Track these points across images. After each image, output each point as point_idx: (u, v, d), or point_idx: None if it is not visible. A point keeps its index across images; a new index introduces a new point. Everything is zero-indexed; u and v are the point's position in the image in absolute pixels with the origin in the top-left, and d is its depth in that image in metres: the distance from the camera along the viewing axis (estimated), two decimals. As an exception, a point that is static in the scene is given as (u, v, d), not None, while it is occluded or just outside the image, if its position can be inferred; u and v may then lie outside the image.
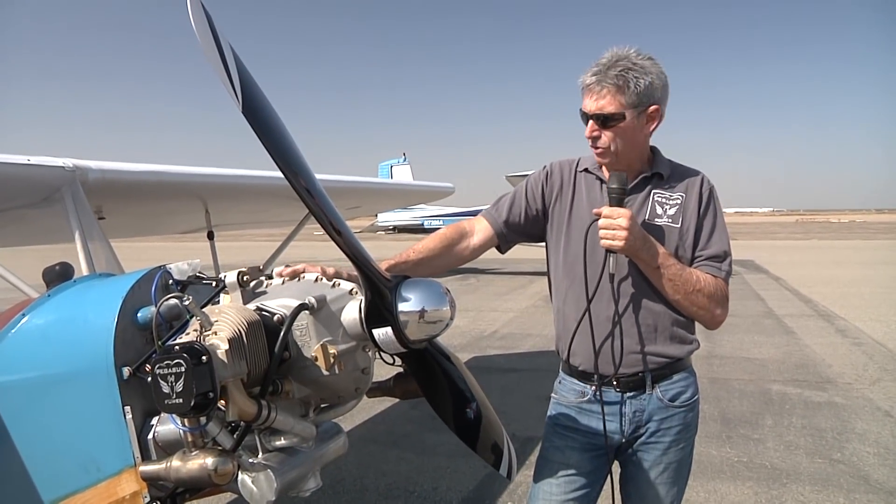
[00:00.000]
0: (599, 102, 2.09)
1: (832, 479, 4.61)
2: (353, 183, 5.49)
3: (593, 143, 2.16)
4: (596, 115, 2.11)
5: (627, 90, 2.07)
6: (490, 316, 12.23)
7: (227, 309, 1.55)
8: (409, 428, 5.73)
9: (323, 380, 1.60)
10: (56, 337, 1.77)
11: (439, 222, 22.18)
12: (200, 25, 1.41)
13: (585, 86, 2.12)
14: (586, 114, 2.13)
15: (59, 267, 2.25)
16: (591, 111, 2.11)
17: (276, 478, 1.55)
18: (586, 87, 2.12)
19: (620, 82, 2.06)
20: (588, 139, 2.16)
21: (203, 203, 4.30)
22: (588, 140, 2.17)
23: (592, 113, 2.11)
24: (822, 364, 8.07)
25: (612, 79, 2.06)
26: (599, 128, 2.12)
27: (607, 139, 2.13)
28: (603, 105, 2.09)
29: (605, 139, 2.13)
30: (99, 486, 1.64)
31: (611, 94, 2.07)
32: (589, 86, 2.11)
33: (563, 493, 2.24)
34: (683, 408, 2.23)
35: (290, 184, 1.53)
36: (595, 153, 2.20)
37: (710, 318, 2.19)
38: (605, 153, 2.17)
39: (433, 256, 2.22)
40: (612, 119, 2.10)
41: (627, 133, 2.13)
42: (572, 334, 2.23)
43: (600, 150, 2.17)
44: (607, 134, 2.12)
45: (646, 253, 2.07)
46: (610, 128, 2.11)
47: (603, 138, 2.13)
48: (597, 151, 2.18)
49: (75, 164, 2.70)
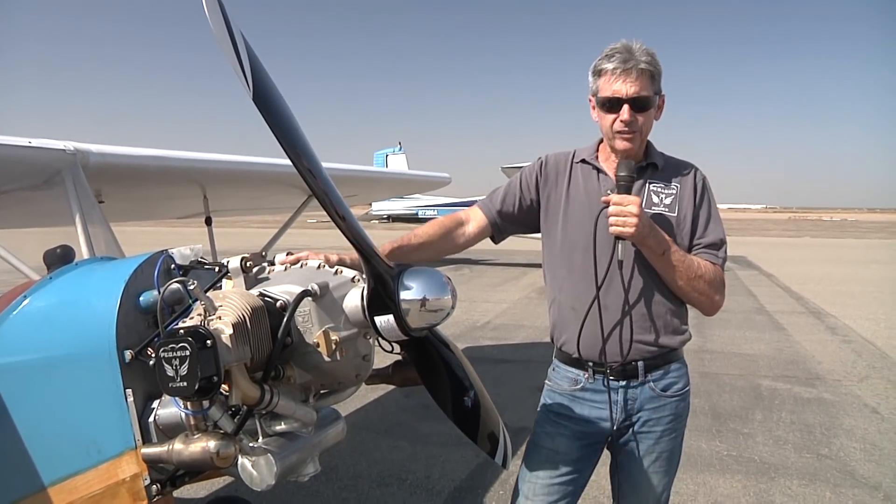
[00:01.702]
0: (636, 87, 2.08)
1: (819, 474, 4.67)
2: (350, 171, 5.49)
3: (629, 127, 2.12)
4: (634, 98, 2.09)
5: (656, 76, 2.11)
6: (483, 307, 12.25)
7: (231, 294, 1.56)
8: (402, 416, 5.76)
9: (324, 366, 1.62)
10: (58, 319, 1.78)
11: (434, 212, 22.16)
12: (214, 14, 1.42)
13: (614, 71, 2.09)
14: (620, 98, 2.10)
15: (60, 250, 2.25)
16: (629, 94, 2.08)
17: (276, 462, 1.57)
18: (615, 71, 2.09)
19: (652, 68, 2.09)
20: (620, 124, 2.12)
21: (202, 188, 4.30)
22: (618, 125, 2.13)
23: (630, 97, 2.09)
24: (811, 360, 8.14)
25: (645, 64, 2.07)
26: (635, 112, 2.11)
27: (641, 123, 2.13)
28: (639, 89, 2.08)
29: (639, 123, 2.13)
30: (99, 468, 1.65)
31: (645, 79, 2.08)
32: (624, 70, 2.08)
33: (549, 478, 2.26)
34: (675, 398, 2.26)
35: (297, 170, 1.54)
36: (624, 138, 2.15)
37: (710, 303, 2.22)
38: (635, 138, 2.15)
39: (431, 242, 2.24)
40: (649, 103, 2.11)
41: (650, 119, 2.16)
42: (580, 322, 2.21)
43: (632, 135, 2.14)
44: (640, 118, 2.12)
45: (653, 240, 2.08)
46: (644, 112, 2.12)
47: (638, 122, 2.13)
48: (628, 136, 2.15)
49: (76, 148, 2.71)
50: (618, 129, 2.14)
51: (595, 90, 2.18)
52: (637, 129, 2.13)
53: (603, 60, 2.12)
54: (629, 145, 2.17)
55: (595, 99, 2.19)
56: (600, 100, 2.15)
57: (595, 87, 2.18)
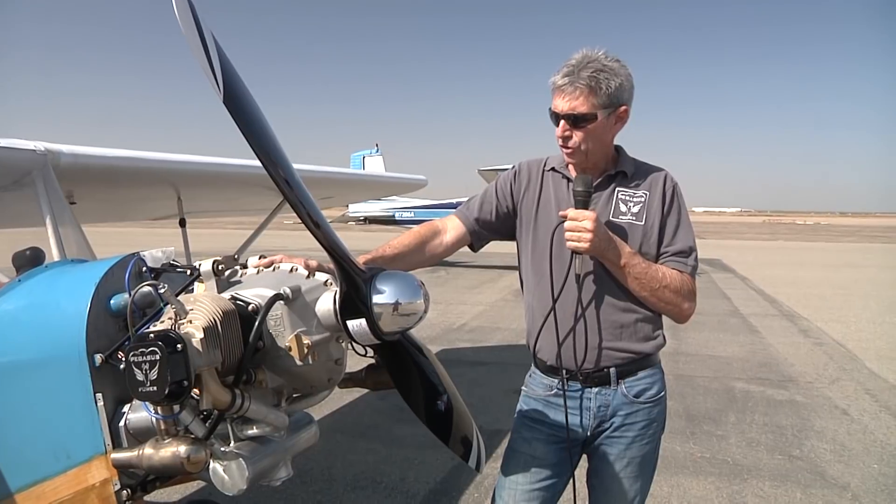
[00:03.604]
0: (572, 103, 2.10)
1: (791, 475, 4.73)
2: (326, 173, 5.46)
3: (564, 142, 2.17)
4: (568, 115, 2.12)
5: (599, 91, 2.08)
6: (459, 309, 12.25)
7: (202, 297, 1.55)
8: (377, 419, 5.75)
9: (296, 370, 1.62)
10: (27, 322, 1.76)
11: (410, 214, 22.12)
12: (184, 14, 1.42)
13: (557, 86, 2.12)
14: (557, 114, 2.14)
15: (30, 252, 2.22)
16: (564, 111, 2.12)
17: (247, 466, 1.56)
18: (558, 87, 2.12)
19: (593, 83, 2.08)
20: (558, 139, 2.17)
21: (175, 190, 4.26)
22: (558, 139, 2.18)
23: (564, 113, 2.12)
24: (784, 363, 8.25)
25: (585, 80, 2.07)
26: (571, 127, 2.13)
27: (578, 139, 2.14)
28: (575, 105, 2.09)
29: (575, 139, 2.15)
30: (68, 473, 1.64)
31: (583, 95, 2.08)
32: (561, 86, 2.11)
33: (529, 484, 2.27)
34: (648, 404, 2.27)
35: (269, 174, 1.53)
36: (565, 152, 2.21)
37: (679, 312, 2.23)
38: (574, 153, 2.18)
39: (408, 252, 2.22)
40: (584, 119, 2.11)
41: (597, 133, 2.15)
42: (538, 330, 2.26)
43: (570, 150, 2.18)
44: (578, 134, 2.14)
45: (611, 253, 2.10)
46: (581, 128, 2.13)
47: (574, 138, 2.14)
48: (567, 151, 2.19)
49: (47, 148, 2.66)
50: (559, 143, 2.19)
51: None
52: (574, 144, 2.16)
53: (555, 73, 2.14)
54: (570, 159, 2.22)
55: None
56: (549, 112, 2.19)
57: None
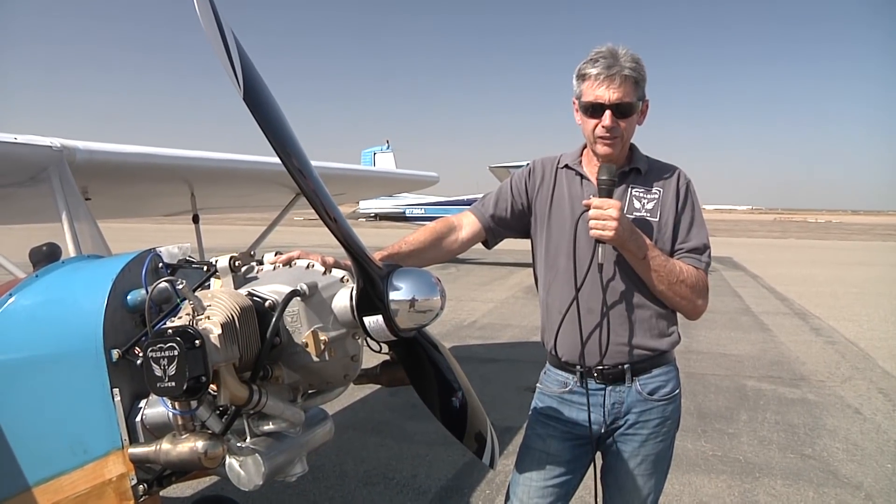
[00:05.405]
0: (619, 93, 2.07)
1: (803, 474, 4.71)
2: (338, 170, 5.48)
3: (610, 132, 2.12)
4: (616, 104, 2.08)
5: (640, 83, 2.10)
6: (470, 305, 12.25)
7: (219, 294, 1.56)
8: (388, 415, 5.75)
9: (313, 366, 1.62)
10: (44, 318, 1.77)
11: (421, 211, 22.10)
12: (205, 12, 1.42)
13: (596, 75, 2.08)
14: (602, 104, 2.09)
15: (47, 247, 2.23)
16: (612, 101, 2.08)
17: (263, 462, 1.57)
18: (599, 76, 2.08)
19: (636, 74, 2.08)
20: (603, 129, 2.11)
21: (189, 186, 4.28)
22: (599, 131, 2.12)
23: (613, 103, 2.08)
24: (796, 361, 8.20)
25: (630, 70, 2.06)
26: (617, 118, 2.10)
27: (622, 129, 2.13)
28: (622, 95, 2.07)
29: (621, 129, 2.12)
30: (86, 468, 1.65)
31: (629, 85, 2.07)
32: (607, 76, 2.07)
33: (543, 480, 2.27)
34: (662, 401, 2.26)
35: (288, 172, 1.53)
36: (605, 144, 2.15)
37: (693, 308, 2.22)
38: (616, 143, 2.15)
39: (423, 249, 2.22)
40: (632, 110, 2.10)
41: (633, 125, 2.16)
42: (558, 324, 2.24)
43: (613, 141, 2.14)
44: (622, 124, 2.12)
45: (633, 244, 2.09)
46: (626, 118, 2.11)
47: (618, 129, 2.12)
48: (609, 142, 2.14)
49: (63, 144, 2.69)
50: (599, 134, 2.13)
51: (578, 94, 2.17)
52: (618, 134, 2.13)
53: (587, 64, 2.11)
54: (610, 150, 2.17)
55: (578, 102, 2.19)
56: (583, 104, 2.15)
57: (578, 91, 2.17)
